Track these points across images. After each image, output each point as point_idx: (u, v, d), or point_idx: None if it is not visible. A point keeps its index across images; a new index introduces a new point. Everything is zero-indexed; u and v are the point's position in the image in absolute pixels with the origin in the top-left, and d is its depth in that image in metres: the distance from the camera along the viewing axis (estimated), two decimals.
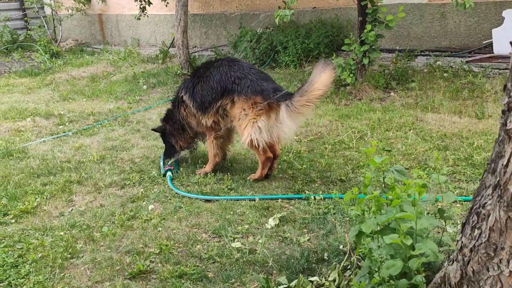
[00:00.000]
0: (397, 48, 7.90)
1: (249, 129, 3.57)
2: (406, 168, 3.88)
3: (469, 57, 7.13)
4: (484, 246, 1.47)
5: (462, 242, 1.59)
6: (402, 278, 1.71)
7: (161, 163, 4.29)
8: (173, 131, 4.19)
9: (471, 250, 1.52)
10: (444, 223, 1.92)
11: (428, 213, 1.96)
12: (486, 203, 1.46)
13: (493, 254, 1.51)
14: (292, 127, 3.51)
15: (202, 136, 4.23)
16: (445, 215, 1.88)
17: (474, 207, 1.53)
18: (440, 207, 1.87)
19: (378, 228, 1.84)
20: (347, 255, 2.42)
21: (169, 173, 4.03)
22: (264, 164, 3.74)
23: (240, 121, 3.65)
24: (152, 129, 4.53)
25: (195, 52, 9.71)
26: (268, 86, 3.60)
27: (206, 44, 10.37)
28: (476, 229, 1.50)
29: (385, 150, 2.12)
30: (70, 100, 6.96)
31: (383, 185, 2.07)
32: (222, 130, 3.94)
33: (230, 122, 3.84)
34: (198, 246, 2.86)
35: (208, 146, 4.08)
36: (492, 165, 1.57)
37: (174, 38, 9.86)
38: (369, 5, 5.86)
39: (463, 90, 5.81)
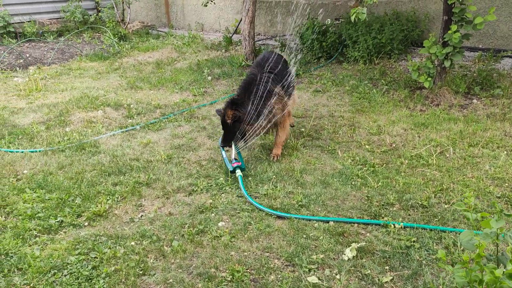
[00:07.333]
0: (480, 46, 7.25)
1: None
2: (498, 197, 3.53)
3: None
4: None
5: None
6: None
7: (225, 159, 4.19)
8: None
9: None
10: None
11: None
12: None
13: None
14: None
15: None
16: None
17: None
18: None
19: None
20: None
21: (238, 172, 3.92)
22: None
23: None
24: None
25: (259, 40, 9.50)
26: None
27: (270, 32, 10.11)
28: None
29: (506, 215, 1.83)
30: (137, 89, 7.03)
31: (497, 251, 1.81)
32: None
33: None
34: (272, 276, 2.73)
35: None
36: None
37: (238, 25, 9.69)
38: (456, 4, 5.35)
39: None
